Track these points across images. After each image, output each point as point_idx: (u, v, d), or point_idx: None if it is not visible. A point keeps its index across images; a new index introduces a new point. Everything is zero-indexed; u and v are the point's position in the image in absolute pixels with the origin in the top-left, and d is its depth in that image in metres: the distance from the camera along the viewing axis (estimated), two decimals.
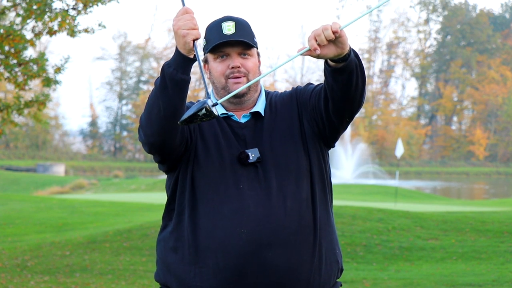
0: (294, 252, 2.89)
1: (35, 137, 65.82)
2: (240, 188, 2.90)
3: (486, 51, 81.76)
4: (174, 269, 2.95)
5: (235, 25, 2.96)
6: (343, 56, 2.72)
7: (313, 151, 2.99)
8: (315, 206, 2.95)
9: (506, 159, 76.72)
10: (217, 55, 2.98)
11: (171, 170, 3.00)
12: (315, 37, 2.65)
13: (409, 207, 19.86)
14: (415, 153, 73.90)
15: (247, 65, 2.98)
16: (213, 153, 2.94)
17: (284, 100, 3.06)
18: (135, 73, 76.30)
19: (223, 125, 2.99)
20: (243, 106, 3.03)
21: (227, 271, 2.86)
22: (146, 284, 10.38)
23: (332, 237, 3.01)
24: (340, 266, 3.04)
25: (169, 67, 2.78)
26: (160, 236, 3.05)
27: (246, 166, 2.93)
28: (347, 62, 2.75)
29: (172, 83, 2.77)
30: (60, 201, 23.59)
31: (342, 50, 2.70)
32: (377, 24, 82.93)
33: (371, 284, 10.24)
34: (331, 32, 2.64)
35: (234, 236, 2.86)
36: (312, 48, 2.66)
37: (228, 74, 2.96)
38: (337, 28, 2.64)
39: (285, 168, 2.94)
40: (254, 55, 3.01)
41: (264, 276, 2.86)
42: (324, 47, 2.68)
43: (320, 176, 3.00)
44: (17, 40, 9.75)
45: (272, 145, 2.96)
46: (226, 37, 2.94)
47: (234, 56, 2.97)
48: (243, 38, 2.96)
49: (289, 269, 2.88)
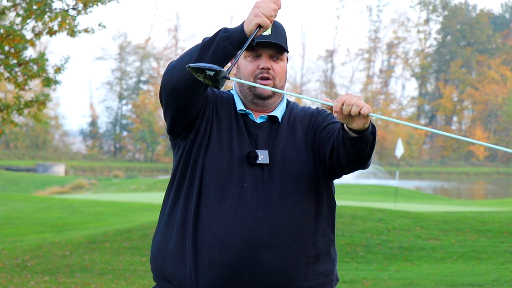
0: (290, 257, 2.89)
1: (35, 137, 65.83)
2: (243, 186, 2.91)
3: (486, 51, 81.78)
4: (172, 259, 2.94)
5: (272, 28, 2.98)
6: (360, 130, 2.70)
7: (321, 168, 2.99)
8: (319, 218, 2.97)
9: (506, 159, 76.74)
10: (250, 53, 2.99)
11: (179, 135, 2.97)
12: (343, 103, 2.61)
13: (409, 207, 19.87)
14: (415, 153, 73.94)
15: (276, 68, 2.99)
16: (224, 146, 2.95)
17: (305, 115, 3.07)
18: (135, 73, 76.32)
19: (239, 122, 3.00)
20: (264, 108, 3.04)
21: (222, 267, 2.86)
22: (146, 284, 10.38)
23: (331, 250, 3.04)
24: (335, 278, 3.06)
25: (225, 33, 2.77)
26: (163, 219, 3.01)
27: (253, 166, 2.94)
28: (361, 137, 2.73)
29: (217, 46, 2.76)
30: (60, 201, 23.59)
31: (361, 127, 2.67)
32: (377, 24, 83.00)
33: (371, 284, 10.24)
34: (358, 112, 2.60)
35: (232, 234, 2.86)
36: (333, 110, 2.63)
37: (257, 74, 2.98)
38: (365, 112, 2.59)
39: (292, 175, 2.95)
40: (284, 60, 3.03)
41: (258, 276, 2.87)
42: (345, 116, 2.65)
43: (327, 193, 3.02)
44: (17, 40, 9.75)
45: (283, 151, 2.97)
46: (262, 38, 2.96)
47: (266, 57, 2.98)
48: (278, 41, 2.98)
49: (283, 272, 2.89)
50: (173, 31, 77.60)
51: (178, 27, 78.38)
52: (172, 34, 77.65)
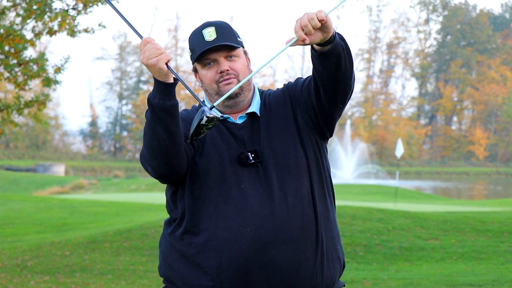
0: (297, 250, 2.90)
1: (35, 137, 65.82)
2: (242, 188, 2.92)
3: (486, 51, 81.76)
4: (178, 268, 2.97)
5: (216, 30, 2.97)
6: (329, 39, 2.74)
7: (309, 146, 3.00)
8: (314, 201, 2.97)
9: (506, 159, 76.72)
10: (204, 63, 2.99)
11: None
12: (302, 27, 2.66)
13: (409, 207, 19.86)
14: (415, 153, 73.90)
15: (235, 66, 2.99)
16: (212, 156, 2.95)
17: (278, 97, 3.07)
18: (135, 73, 76.31)
19: (220, 128, 3.00)
20: (238, 107, 3.03)
21: (231, 270, 2.87)
22: (146, 284, 10.38)
23: (333, 233, 3.03)
24: (342, 262, 3.06)
25: (155, 98, 2.79)
26: (166, 232, 3.06)
27: (246, 166, 2.94)
28: (333, 45, 2.76)
29: (162, 112, 2.79)
30: (60, 201, 23.59)
31: (327, 34, 2.72)
32: (377, 24, 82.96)
33: (371, 284, 10.23)
34: (318, 21, 2.65)
35: (238, 236, 2.87)
36: (300, 39, 2.67)
37: (218, 79, 2.98)
38: (323, 16, 2.66)
39: (285, 165, 2.95)
40: (241, 55, 3.02)
41: (268, 275, 2.88)
42: (311, 35, 2.69)
43: (317, 171, 3.01)
44: (17, 40, 9.76)
45: (270, 143, 2.97)
46: (208, 44, 2.95)
47: (221, 60, 2.98)
48: (225, 41, 2.97)
49: (293, 267, 2.89)
50: (173, 31, 77.60)
51: (178, 27, 78.36)
52: (172, 34, 77.65)
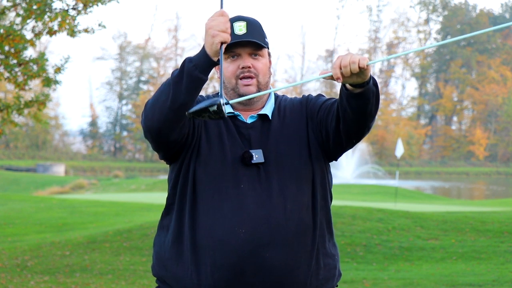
0: (291, 253, 2.89)
1: (35, 137, 65.84)
2: (240, 187, 2.91)
3: (486, 51, 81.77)
4: (171, 266, 2.96)
5: (247, 25, 2.96)
6: (362, 83, 2.72)
7: (317, 160, 2.99)
8: (315, 211, 2.96)
9: (506, 159, 76.73)
10: (228, 55, 2.98)
11: (170, 160, 3.00)
12: (340, 67, 2.64)
13: (409, 207, 19.87)
14: (415, 153, 73.91)
15: (257, 66, 2.98)
16: (216, 151, 2.94)
17: (295, 105, 3.06)
18: (135, 73, 76.33)
19: (229, 124, 2.99)
20: (252, 107, 3.03)
21: (224, 269, 2.87)
22: (146, 284, 10.38)
23: (331, 244, 3.03)
24: (338, 272, 3.06)
25: (190, 62, 2.75)
26: (159, 231, 3.05)
27: (248, 166, 2.93)
28: (365, 89, 2.74)
29: (188, 78, 2.75)
30: (60, 201, 23.59)
31: (362, 80, 2.70)
32: (377, 24, 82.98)
33: (371, 284, 10.23)
34: (358, 67, 2.62)
35: (233, 235, 2.86)
36: (335, 77, 2.65)
37: (238, 74, 2.97)
38: (364, 65, 2.62)
39: (288, 171, 2.94)
40: (265, 56, 3.02)
41: (261, 276, 2.87)
42: (348, 77, 2.68)
43: (322, 185, 3.01)
44: (17, 40, 9.76)
45: (277, 148, 2.97)
46: (237, 37, 2.94)
47: (245, 56, 2.97)
48: (254, 38, 2.96)
49: (287, 270, 2.89)
50: (173, 31, 77.61)
51: (178, 27, 78.38)
52: (172, 34, 77.67)
